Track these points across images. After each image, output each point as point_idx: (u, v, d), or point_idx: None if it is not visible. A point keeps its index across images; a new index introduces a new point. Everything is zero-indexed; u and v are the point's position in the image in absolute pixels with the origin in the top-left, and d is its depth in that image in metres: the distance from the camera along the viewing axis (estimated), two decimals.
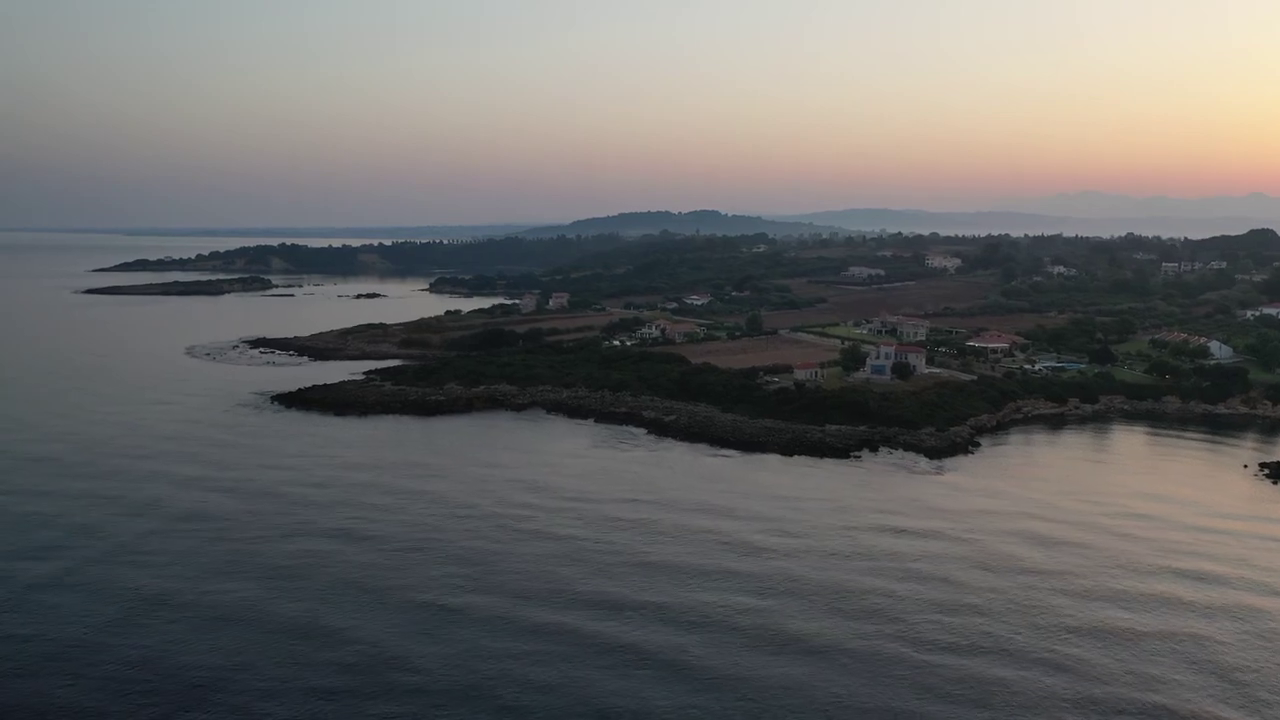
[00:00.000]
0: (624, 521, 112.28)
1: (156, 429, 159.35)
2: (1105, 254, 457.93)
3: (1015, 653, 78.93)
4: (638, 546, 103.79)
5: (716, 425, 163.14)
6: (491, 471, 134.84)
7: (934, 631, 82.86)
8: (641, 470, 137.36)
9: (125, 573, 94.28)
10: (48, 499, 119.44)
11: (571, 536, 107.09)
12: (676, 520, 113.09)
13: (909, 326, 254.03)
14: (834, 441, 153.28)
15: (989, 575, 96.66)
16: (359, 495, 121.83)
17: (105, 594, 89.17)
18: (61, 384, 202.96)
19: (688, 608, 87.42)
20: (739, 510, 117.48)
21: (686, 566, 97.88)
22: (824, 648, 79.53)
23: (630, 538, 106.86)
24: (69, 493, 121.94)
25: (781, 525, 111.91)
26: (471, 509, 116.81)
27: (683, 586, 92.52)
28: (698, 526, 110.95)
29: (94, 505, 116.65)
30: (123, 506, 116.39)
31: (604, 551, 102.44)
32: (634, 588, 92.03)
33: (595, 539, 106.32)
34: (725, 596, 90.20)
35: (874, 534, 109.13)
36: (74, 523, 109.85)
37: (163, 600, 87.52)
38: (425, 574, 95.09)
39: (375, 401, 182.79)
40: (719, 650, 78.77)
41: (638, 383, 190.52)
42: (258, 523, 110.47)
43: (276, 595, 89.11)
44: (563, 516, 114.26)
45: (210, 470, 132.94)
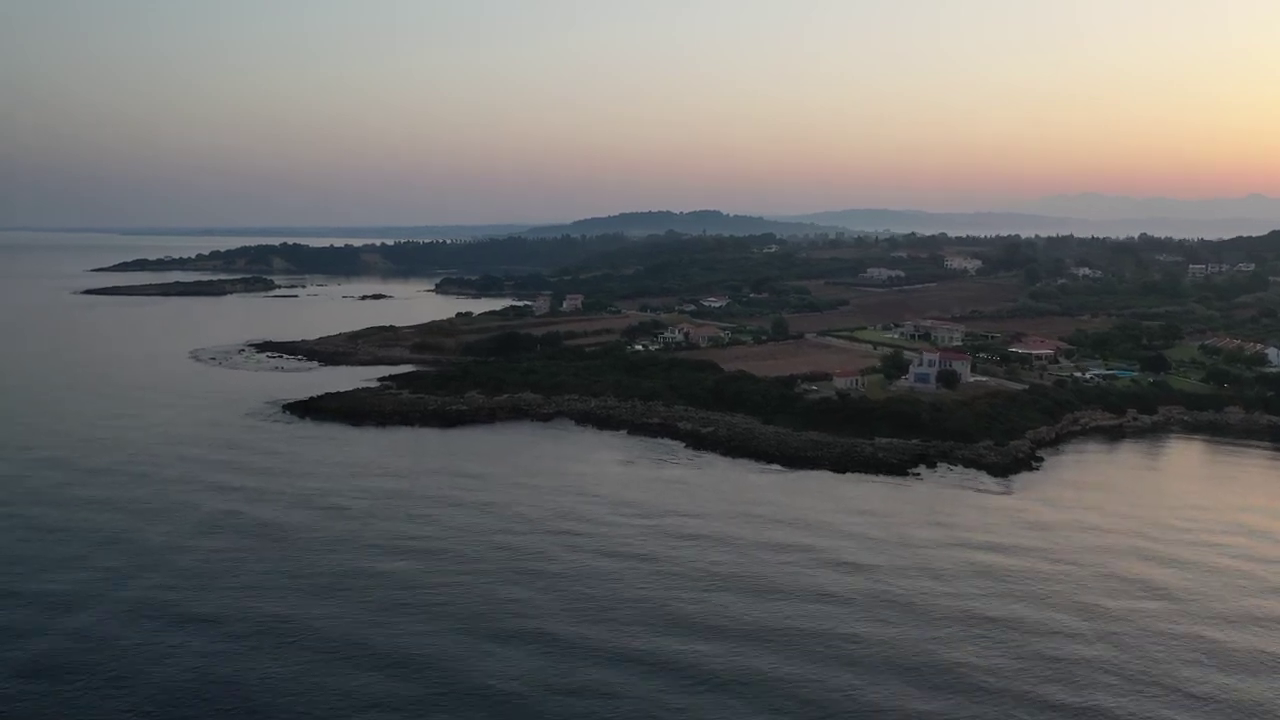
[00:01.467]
0: (693, 541, 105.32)
1: (167, 443, 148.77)
2: (1125, 255, 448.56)
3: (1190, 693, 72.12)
4: (722, 567, 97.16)
5: (758, 438, 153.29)
6: (533, 487, 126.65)
7: (1093, 672, 75.16)
8: (690, 487, 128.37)
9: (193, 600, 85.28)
10: (78, 513, 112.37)
11: (643, 555, 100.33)
12: (755, 538, 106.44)
13: (943, 331, 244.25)
14: (887, 457, 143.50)
15: (1120, 602, 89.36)
16: (401, 515, 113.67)
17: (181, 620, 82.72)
18: (65, 391, 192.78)
19: (802, 633, 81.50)
20: (818, 527, 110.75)
21: (788, 588, 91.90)
22: (977, 682, 73.48)
23: (706, 556, 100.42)
24: (98, 507, 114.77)
25: (867, 545, 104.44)
26: (524, 525, 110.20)
27: (790, 610, 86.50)
28: (780, 543, 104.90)
29: (130, 522, 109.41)
30: (160, 527, 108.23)
31: (684, 573, 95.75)
32: (734, 611, 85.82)
33: (671, 559, 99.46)
34: (843, 623, 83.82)
35: (975, 556, 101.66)
36: (113, 537, 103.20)
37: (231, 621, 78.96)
38: (496, 595, 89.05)
39: (393, 411, 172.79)
40: (875, 682, 72.82)
41: (669, 392, 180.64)
42: (311, 550, 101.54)
43: (368, 627, 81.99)
44: (622, 536, 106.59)
45: (236, 488, 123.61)
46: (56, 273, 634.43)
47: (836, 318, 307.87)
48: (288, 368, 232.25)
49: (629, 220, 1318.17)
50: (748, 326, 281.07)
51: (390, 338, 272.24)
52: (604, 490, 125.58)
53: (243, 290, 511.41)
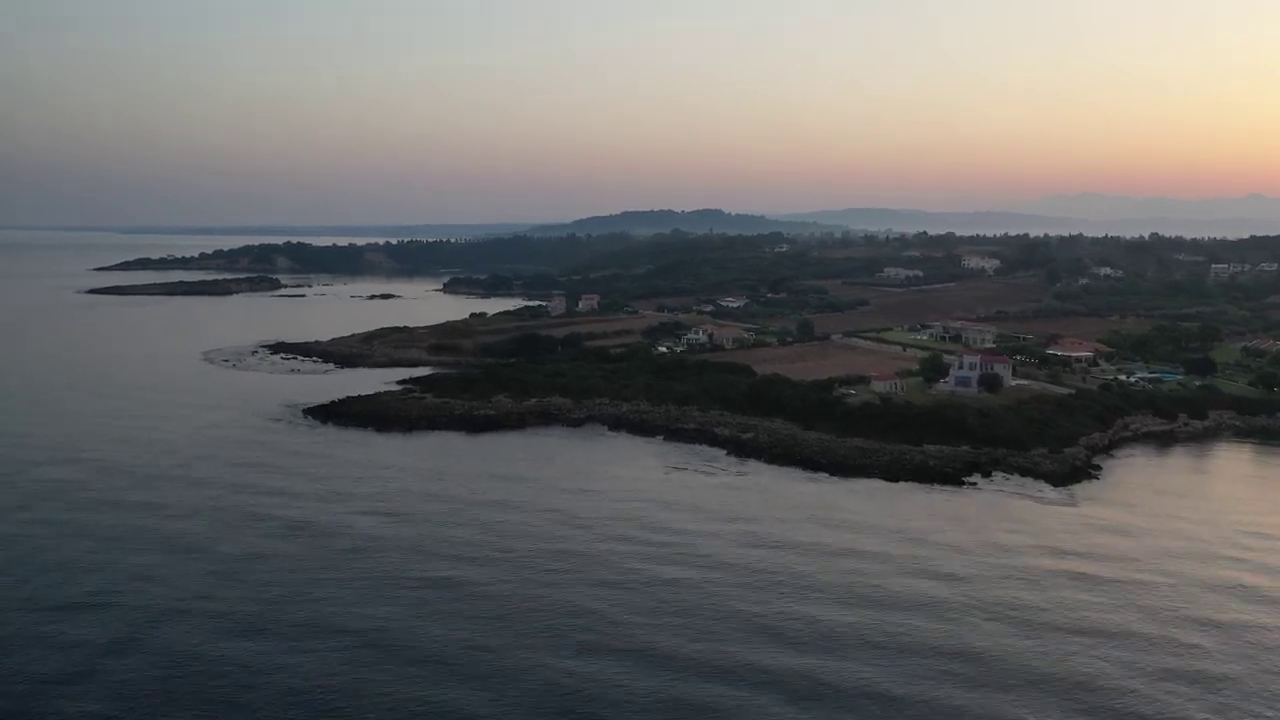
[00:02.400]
0: (775, 548, 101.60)
1: (196, 450, 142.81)
2: (1142, 254, 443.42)
3: None
4: (812, 576, 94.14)
5: (802, 445, 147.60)
6: (584, 493, 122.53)
7: (1244, 699, 70.82)
8: (745, 494, 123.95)
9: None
10: (145, 520, 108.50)
11: (727, 564, 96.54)
12: (835, 545, 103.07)
13: (973, 332, 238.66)
14: (939, 465, 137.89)
15: (1231, 614, 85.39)
16: (446, 525, 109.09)
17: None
18: (78, 394, 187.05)
19: (921, 647, 78.23)
20: (894, 535, 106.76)
21: (885, 598, 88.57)
22: (1129, 708, 69.58)
23: (790, 564, 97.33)
24: (137, 519, 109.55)
25: (953, 553, 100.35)
26: (590, 533, 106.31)
27: (898, 621, 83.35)
28: (861, 550, 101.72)
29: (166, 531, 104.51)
30: (229, 535, 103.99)
31: (773, 582, 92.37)
32: (839, 622, 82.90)
33: (753, 568, 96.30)
34: (955, 636, 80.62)
35: (1067, 565, 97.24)
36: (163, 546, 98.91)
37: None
38: (584, 607, 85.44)
39: (419, 416, 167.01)
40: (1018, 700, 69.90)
41: (703, 396, 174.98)
42: (386, 561, 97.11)
43: (472, 646, 78.32)
44: (697, 544, 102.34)
45: (273, 497, 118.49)
46: (58, 272, 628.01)
47: (858, 318, 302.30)
48: (303, 370, 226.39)
49: (631, 219, 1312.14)
50: (770, 327, 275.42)
51: (406, 339, 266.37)
52: (660, 497, 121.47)
53: (248, 290, 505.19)
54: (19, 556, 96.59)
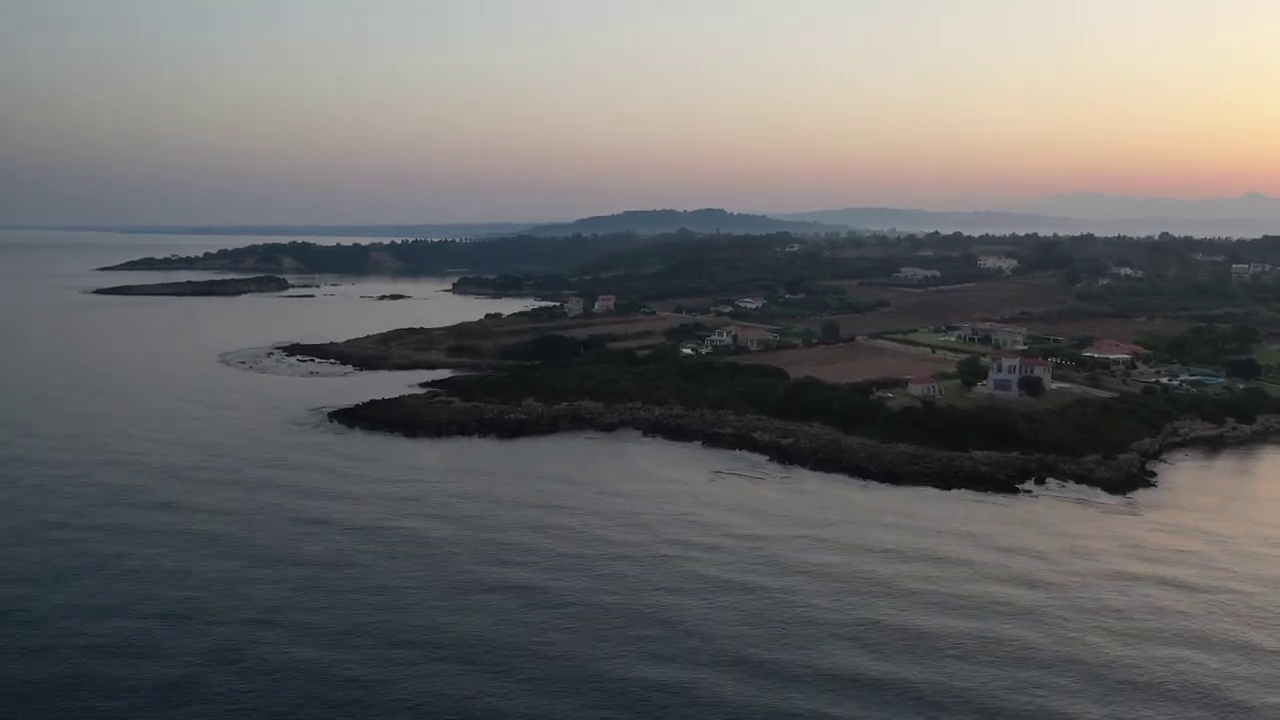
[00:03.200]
0: (858, 555, 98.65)
1: (230, 454, 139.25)
2: (1160, 254, 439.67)
3: None
4: (904, 581, 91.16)
5: (846, 451, 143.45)
6: (630, 501, 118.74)
7: None
8: (798, 503, 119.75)
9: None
10: (160, 538, 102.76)
11: (809, 571, 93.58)
12: (914, 551, 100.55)
13: (1003, 334, 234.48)
14: (991, 471, 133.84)
15: None
16: (506, 530, 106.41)
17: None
18: (103, 399, 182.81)
19: (1057, 657, 75.80)
20: (967, 539, 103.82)
21: (985, 606, 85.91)
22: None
23: (875, 570, 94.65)
24: (188, 531, 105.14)
25: (1025, 570, 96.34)
26: (645, 543, 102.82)
27: (1002, 628, 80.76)
28: (944, 556, 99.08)
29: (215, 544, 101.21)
30: (253, 553, 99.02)
31: (861, 589, 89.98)
32: (942, 630, 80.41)
33: (835, 576, 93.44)
34: (1068, 642, 78.99)
35: (1147, 584, 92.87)
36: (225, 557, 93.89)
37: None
38: (672, 619, 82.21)
39: (448, 420, 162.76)
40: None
41: (738, 399, 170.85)
42: (412, 571, 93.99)
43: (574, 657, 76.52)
44: (745, 562, 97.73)
45: (331, 502, 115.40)
46: (62, 272, 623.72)
47: (880, 319, 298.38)
48: (322, 372, 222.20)
49: (633, 219, 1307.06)
50: (792, 328, 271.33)
51: (424, 340, 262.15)
52: (714, 503, 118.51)
53: (257, 290, 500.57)
54: (97, 563, 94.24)
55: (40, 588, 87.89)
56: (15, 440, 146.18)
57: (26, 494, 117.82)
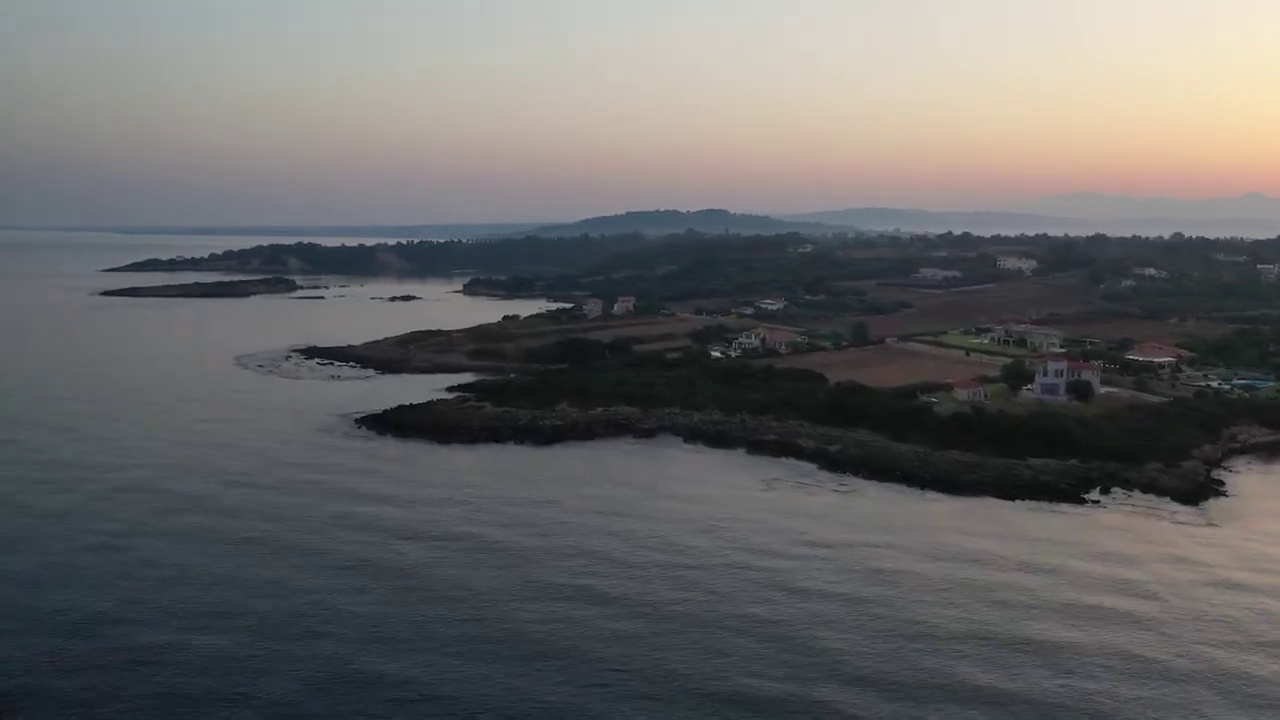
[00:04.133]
0: (915, 579, 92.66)
1: (259, 462, 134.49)
2: (1178, 254, 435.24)
3: None
4: (990, 597, 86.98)
5: (897, 458, 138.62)
6: (686, 511, 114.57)
7: None
8: (864, 512, 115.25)
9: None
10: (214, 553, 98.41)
11: (869, 599, 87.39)
12: (995, 565, 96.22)
13: (1039, 336, 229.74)
14: (1052, 480, 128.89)
15: None
16: (571, 536, 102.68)
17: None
18: (124, 403, 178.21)
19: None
20: (1046, 563, 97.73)
21: (1108, 619, 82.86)
22: None
23: (961, 579, 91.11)
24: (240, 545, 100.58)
25: (1131, 581, 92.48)
26: (709, 556, 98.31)
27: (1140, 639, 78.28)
28: (1043, 566, 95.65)
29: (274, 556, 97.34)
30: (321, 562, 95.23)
31: (983, 599, 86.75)
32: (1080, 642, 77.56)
33: (921, 590, 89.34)
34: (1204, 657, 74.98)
35: (1265, 598, 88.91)
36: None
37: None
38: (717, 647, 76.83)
39: (481, 426, 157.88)
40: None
41: (778, 404, 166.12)
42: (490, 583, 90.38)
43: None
44: (832, 571, 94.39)
45: (368, 514, 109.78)
46: (66, 273, 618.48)
47: (904, 321, 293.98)
48: (344, 376, 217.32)
49: (637, 219, 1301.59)
50: (818, 330, 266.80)
51: (444, 343, 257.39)
52: (780, 511, 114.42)
53: (265, 291, 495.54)
54: (178, 574, 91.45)
55: (125, 596, 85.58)
56: (59, 444, 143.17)
57: (92, 500, 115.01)
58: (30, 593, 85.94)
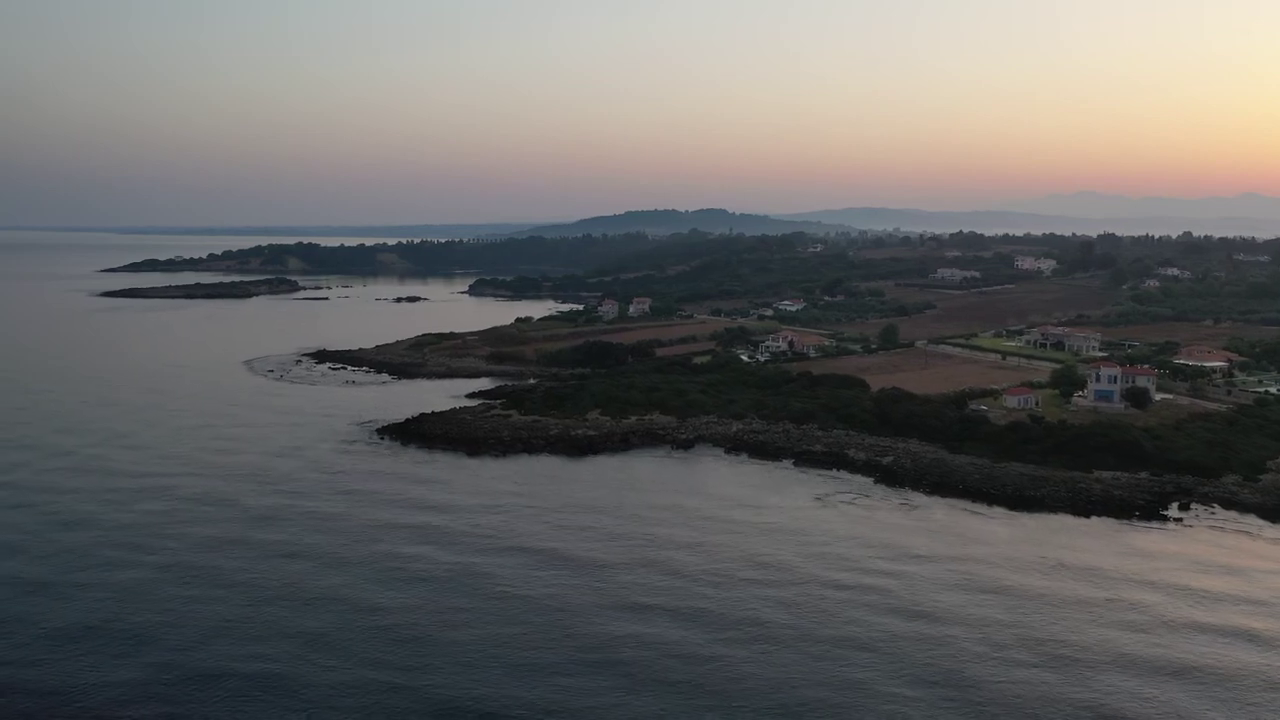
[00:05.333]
0: (1036, 599, 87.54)
1: (288, 477, 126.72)
2: (1198, 254, 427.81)
3: None
4: (1118, 637, 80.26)
5: (956, 471, 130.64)
6: (746, 528, 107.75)
7: None
8: (937, 531, 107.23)
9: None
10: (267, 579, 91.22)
11: (998, 621, 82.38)
12: (1103, 592, 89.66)
13: (1078, 339, 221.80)
14: (1127, 496, 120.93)
15: None
16: (626, 567, 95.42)
17: None
18: (137, 413, 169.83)
19: None
20: (1171, 581, 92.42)
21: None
22: None
23: (1091, 618, 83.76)
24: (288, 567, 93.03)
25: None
26: (792, 573, 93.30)
27: None
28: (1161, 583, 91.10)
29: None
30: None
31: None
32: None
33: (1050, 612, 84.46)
34: None
35: None
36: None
37: None
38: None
39: (511, 438, 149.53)
40: None
41: (822, 412, 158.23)
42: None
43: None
44: (940, 589, 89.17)
45: (414, 532, 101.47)
46: (63, 273, 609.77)
47: (928, 322, 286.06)
48: (359, 382, 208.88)
49: (637, 219, 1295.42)
50: (844, 333, 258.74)
51: (458, 347, 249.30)
52: (847, 535, 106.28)
53: (267, 292, 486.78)
54: (241, 591, 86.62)
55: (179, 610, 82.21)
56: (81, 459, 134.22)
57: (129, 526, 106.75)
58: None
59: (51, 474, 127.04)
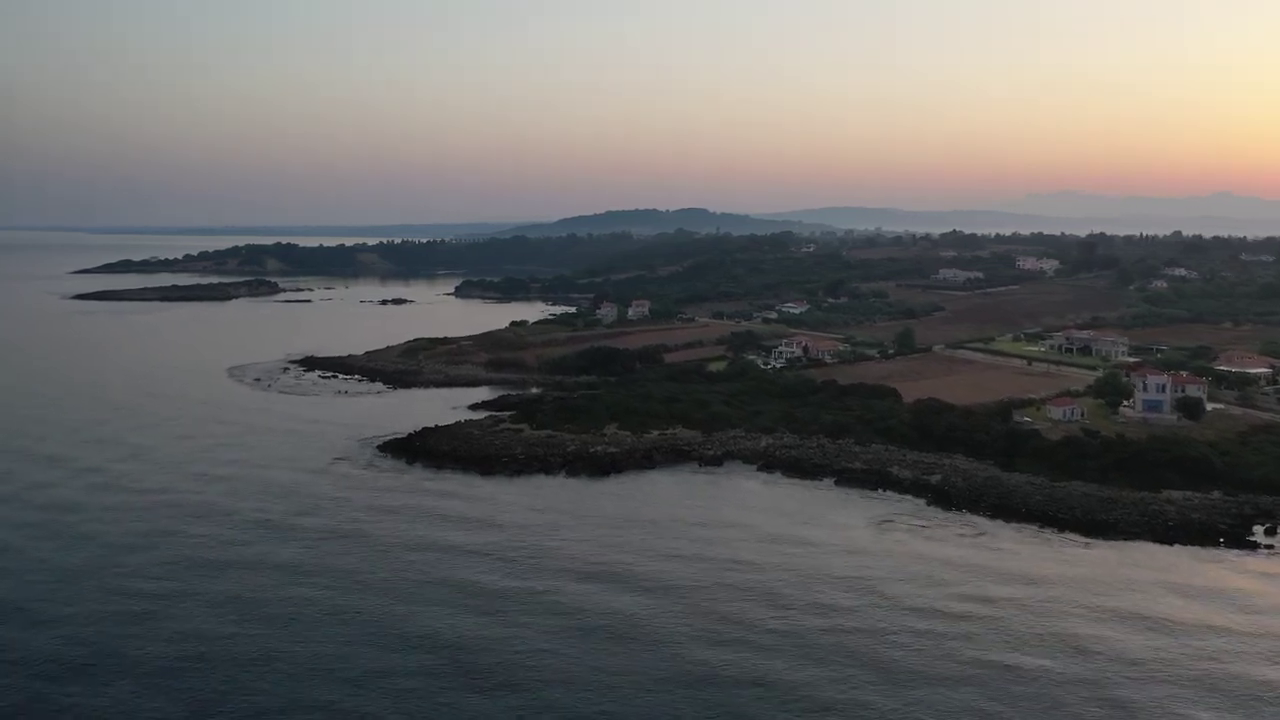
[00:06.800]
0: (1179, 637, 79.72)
1: (287, 497, 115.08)
2: (1198, 254, 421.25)
3: None
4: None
5: (1015, 492, 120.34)
6: (811, 558, 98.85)
7: None
8: (1018, 562, 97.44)
9: None
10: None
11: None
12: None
13: (1105, 343, 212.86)
14: (1205, 519, 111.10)
15: None
16: (707, 603, 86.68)
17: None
18: (116, 425, 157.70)
19: None
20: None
21: None
22: None
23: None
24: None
25: None
26: (869, 618, 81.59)
27: None
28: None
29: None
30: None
31: None
32: None
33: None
34: None
35: None
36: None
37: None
38: None
39: (526, 455, 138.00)
40: None
41: (857, 425, 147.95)
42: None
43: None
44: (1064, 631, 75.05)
45: (439, 565, 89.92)
46: (33, 274, 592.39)
47: (938, 325, 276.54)
48: (352, 391, 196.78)
49: (618, 218, 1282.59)
50: (858, 336, 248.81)
51: (454, 353, 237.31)
52: (922, 568, 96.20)
53: (247, 294, 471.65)
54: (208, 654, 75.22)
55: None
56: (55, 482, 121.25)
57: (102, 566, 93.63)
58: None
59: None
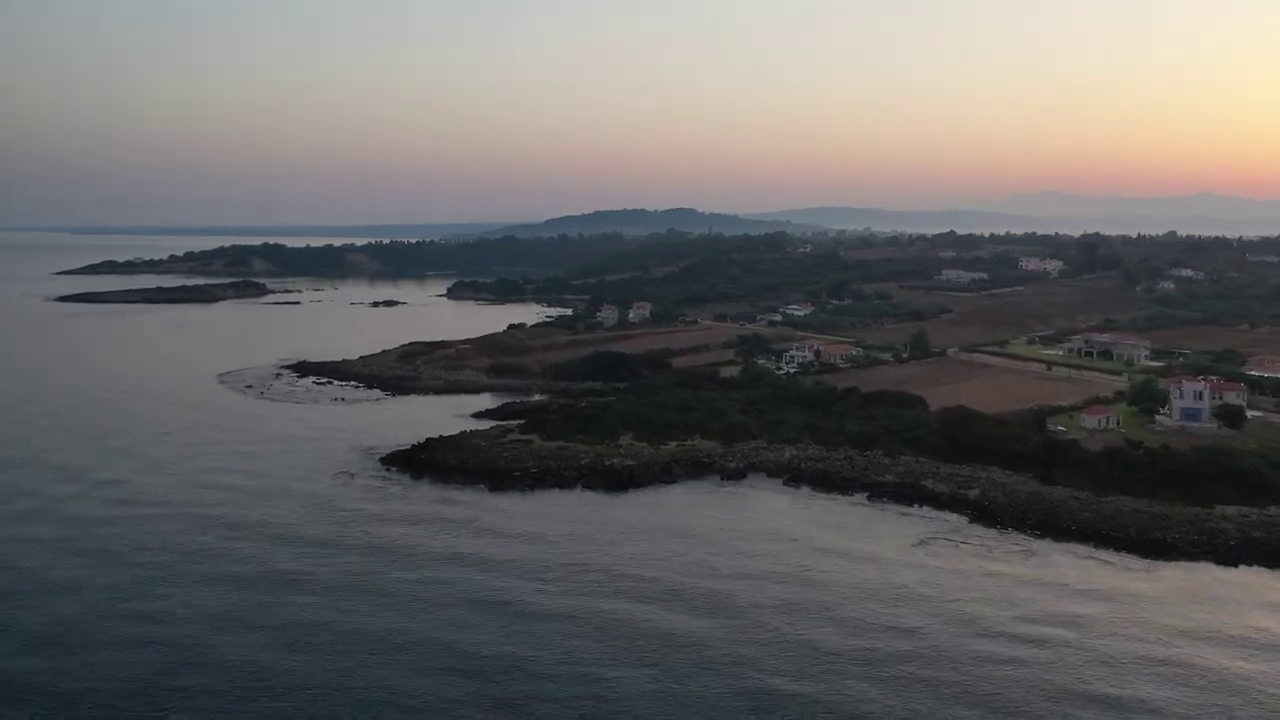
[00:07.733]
0: None
1: (295, 516, 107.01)
2: (1200, 254, 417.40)
3: None
4: None
5: (1060, 508, 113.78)
6: (862, 576, 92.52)
7: None
8: (1084, 587, 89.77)
9: None
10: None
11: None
12: None
13: (1126, 347, 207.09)
14: (1265, 537, 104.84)
15: None
16: (759, 632, 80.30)
17: None
18: (100, 438, 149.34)
19: None
20: None
21: None
22: None
23: None
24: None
25: None
26: (940, 648, 71.68)
27: None
28: None
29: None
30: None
31: None
32: None
33: None
34: None
35: None
36: None
37: None
38: None
39: (539, 469, 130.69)
40: None
41: (885, 435, 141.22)
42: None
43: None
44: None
45: (466, 588, 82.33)
46: (16, 275, 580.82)
47: (947, 327, 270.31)
48: (349, 399, 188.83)
49: (606, 218, 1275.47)
50: (869, 340, 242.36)
51: (453, 357, 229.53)
52: (982, 594, 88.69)
53: (234, 296, 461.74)
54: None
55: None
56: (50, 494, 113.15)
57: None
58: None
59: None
